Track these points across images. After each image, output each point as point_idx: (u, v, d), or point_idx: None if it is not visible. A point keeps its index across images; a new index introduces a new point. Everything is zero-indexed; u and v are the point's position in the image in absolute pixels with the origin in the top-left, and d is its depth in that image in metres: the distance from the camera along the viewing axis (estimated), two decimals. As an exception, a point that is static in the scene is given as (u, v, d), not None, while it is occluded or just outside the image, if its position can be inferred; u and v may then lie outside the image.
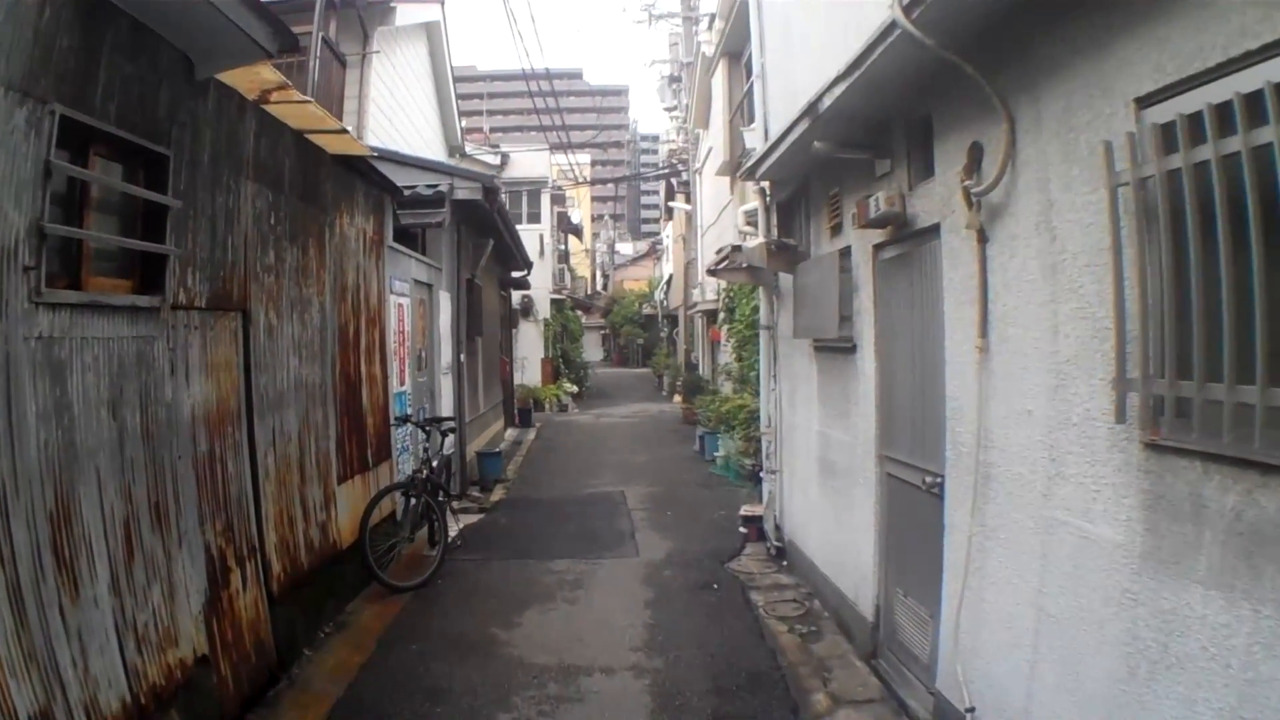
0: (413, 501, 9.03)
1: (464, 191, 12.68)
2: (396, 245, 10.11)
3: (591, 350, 57.77)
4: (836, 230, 7.42)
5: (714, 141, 21.20)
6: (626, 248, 75.50)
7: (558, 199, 32.60)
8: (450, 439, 10.96)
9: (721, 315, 16.03)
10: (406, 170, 12.59)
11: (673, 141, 32.76)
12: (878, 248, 6.49)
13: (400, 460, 9.95)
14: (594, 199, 78.94)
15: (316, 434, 7.53)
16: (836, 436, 7.68)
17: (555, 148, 31.71)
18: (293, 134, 7.08)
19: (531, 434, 21.79)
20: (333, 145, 7.79)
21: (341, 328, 8.22)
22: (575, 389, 30.35)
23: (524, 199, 29.82)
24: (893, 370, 6.37)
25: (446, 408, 12.62)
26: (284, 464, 6.86)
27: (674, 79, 28.60)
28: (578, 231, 45.01)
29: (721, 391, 18.40)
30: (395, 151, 13.61)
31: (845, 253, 7.12)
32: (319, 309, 7.62)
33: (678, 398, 29.88)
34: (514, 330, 27.31)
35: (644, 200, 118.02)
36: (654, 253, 58.72)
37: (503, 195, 26.14)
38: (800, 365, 8.86)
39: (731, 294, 14.98)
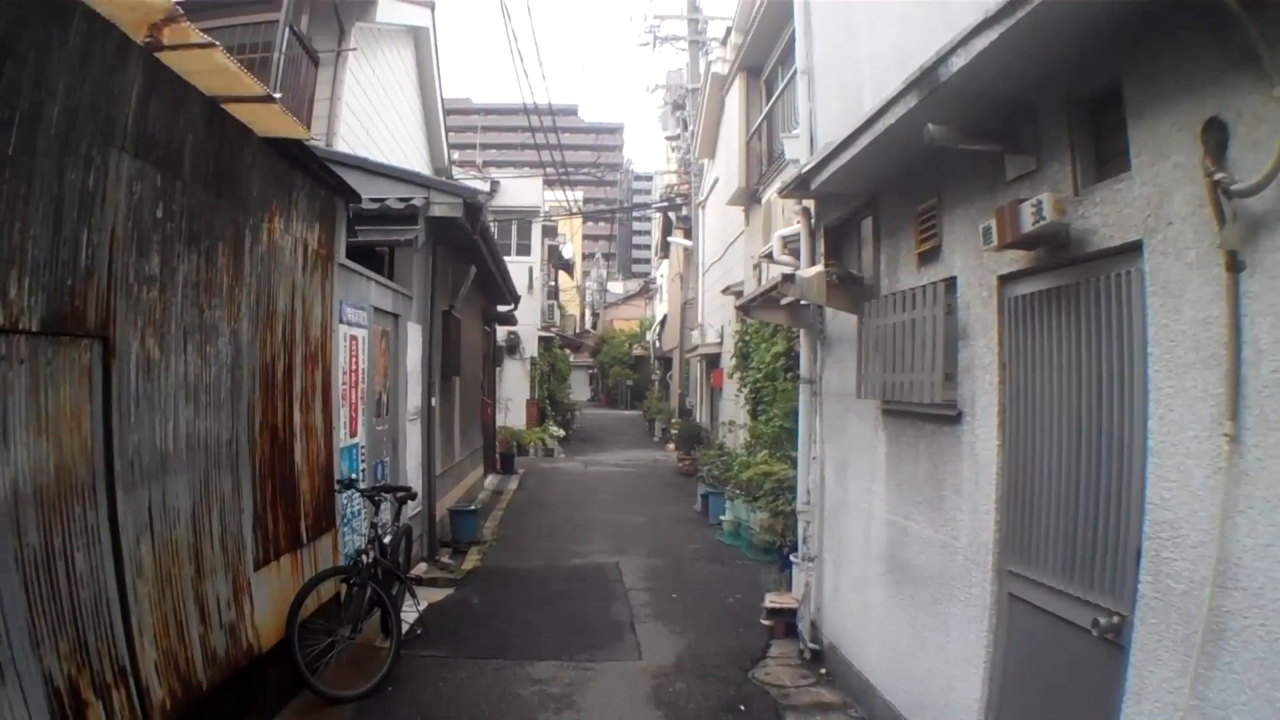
0: (356, 589, 7.04)
1: (442, 208, 10.86)
2: (351, 264, 8.24)
3: (579, 390, 55.95)
4: (929, 257, 5.59)
5: (722, 170, 19.49)
6: (617, 287, 73.84)
7: (549, 231, 30.83)
8: (411, 505, 9.05)
9: (731, 361, 14.16)
10: (373, 181, 10.84)
11: (671, 173, 31.11)
12: (1006, 280, 4.65)
13: (349, 530, 8.01)
14: (585, 237, 77.50)
15: (222, 508, 5.64)
16: (919, 531, 5.79)
17: (551, 182, 30.08)
18: (202, 101, 5.23)
19: (514, 483, 19.81)
20: (262, 123, 5.93)
21: (266, 365, 6.33)
22: (562, 432, 28.41)
23: (514, 229, 28.03)
24: (1029, 453, 4.48)
25: (413, 461, 10.69)
26: (168, 552, 4.95)
27: (677, 106, 26.99)
28: (569, 267, 43.27)
29: (724, 444, 16.50)
30: (357, 156, 11.78)
31: (948, 286, 5.25)
32: (230, 340, 5.74)
33: (672, 446, 28.00)
34: (498, 369, 25.42)
35: (635, 240, 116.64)
36: (646, 292, 57.03)
37: (490, 222, 24.38)
38: (858, 431, 6.99)
39: (747, 337, 13.11)
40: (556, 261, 35.62)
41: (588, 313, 61.16)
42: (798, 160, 8.35)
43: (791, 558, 8.61)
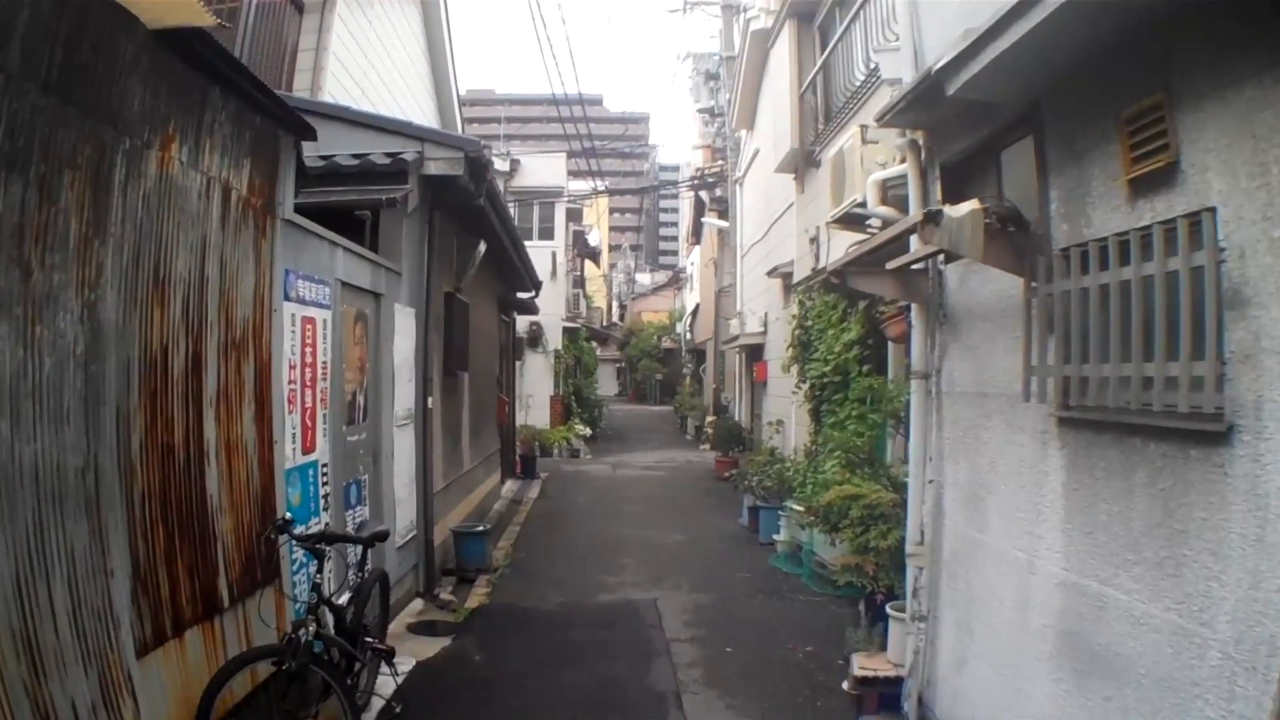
0: (294, 677, 4.97)
1: (438, 163, 8.88)
2: (305, 222, 6.21)
3: (606, 384, 53.95)
4: (1153, 184, 3.57)
5: (766, 138, 17.38)
6: (644, 278, 71.79)
7: (574, 215, 28.79)
8: (399, 533, 7.05)
9: (787, 352, 11.98)
10: (354, 134, 9.03)
11: (705, 147, 28.90)
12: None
13: (300, 580, 5.98)
14: (611, 228, 75.49)
15: (72, 569, 3.68)
16: (1130, 605, 3.72)
17: (577, 173, 28.13)
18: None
19: (534, 490, 17.80)
20: (152, 9, 3.96)
21: (154, 356, 4.35)
22: (589, 431, 26.37)
23: (535, 212, 26.00)
24: None
25: (402, 477, 8.67)
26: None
27: (711, 76, 24.82)
28: (595, 255, 41.21)
29: (774, 448, 14.40)
30: (334, 104, 9.82)
31: (1192, 225, 3.19)
32: (84, 318, 3.75)
33: (707, 445, 25.94)
34: (518, 363, 23.41)
35: (662, 231, 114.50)
36: (675, 282, 54.91)
37: (510, 202, 22.40)
38: (1008, 448, 4.88)
39: (807, 323, 10.99)
40: (582, 249, 33.57)
41: (615, 304, 59.16)
42: (898, 80, 6.29)
43: (888, 608, 6.51)
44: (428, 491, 9.34)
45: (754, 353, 19.29)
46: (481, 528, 10.78)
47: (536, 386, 25.15)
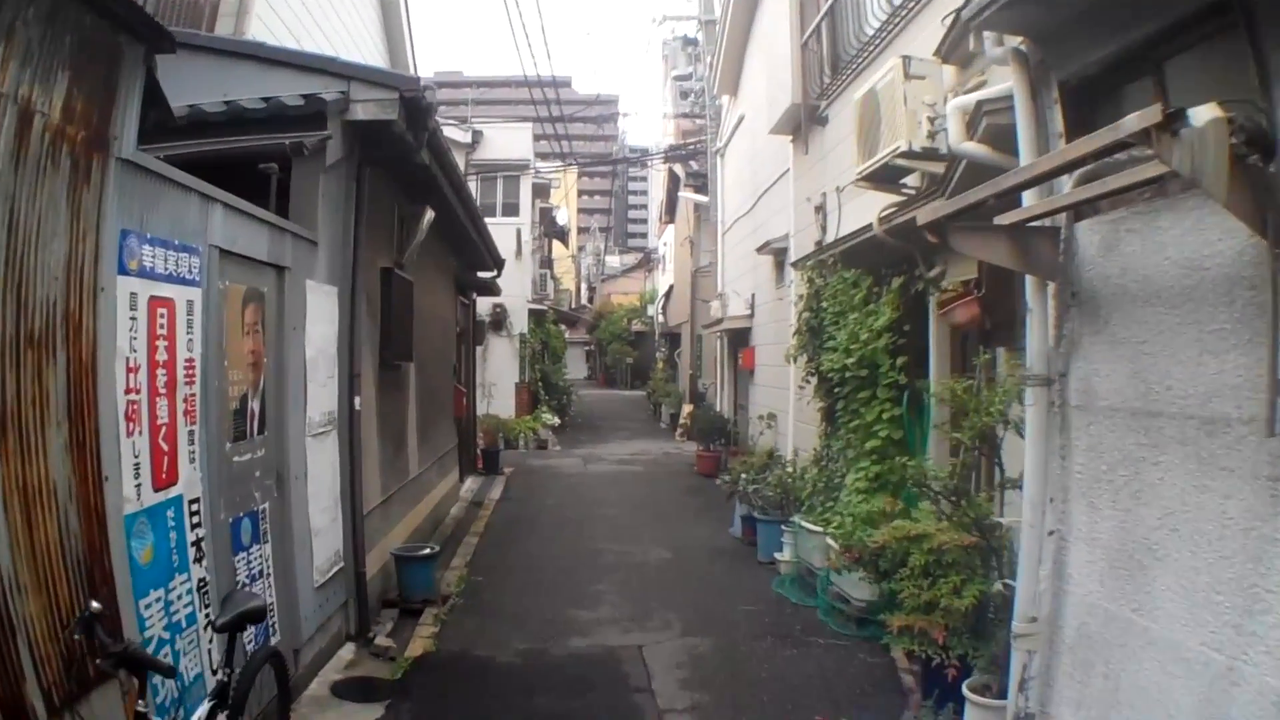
0: None
1: (367, 106, 7.12)
2: (157, 165, 4.40)
3: (575, 368, 52.19)
4: None
5: (757, 98, 15.66)
6: (613, 260, 69.90)
7: (540, 191, 26.91)
8: (322, 564, 5.29)
9: (795, 339, 10.23)
10: (270, 75, 7.28)
11: (684, 115, 27.06)
12: None
13: (181, 646, 4.21)
14: (580, 211, 73.57)
15: None
16: None
17: (546, 157, 26.31)
18: None
19: (497, 489, 16.02)
20: None
21: None
22: (557, 420, 24.60)
23: (499, 186, 24.14)
24: None
25: (321, 501, 6.89)
26: None
27: (689, 42, 23.02)
28: (563, 235, 39.38)
29: (778, 452, 12.68)
30: (239, 39, 8.04)
31: None
32: None
33: (682, 434, 24.26)
34: (479, 348, 21.60)
35: (631, 214, 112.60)
36: (647, 264, 53.02)
37: (472, 176, 20.55)
38: (1197, 498, 3.21)
39: (822, 303, 9.26)
40: (549, 228, 31.71)
41: (583, 286, 57.34)
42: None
43: (966, 689, 4.82)
44: (357, 514, 7.56)
45: (738, 338, 17.60)
46: (428, 550, 8.99)
47: (500, 373, 23.33)
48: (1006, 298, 5.44)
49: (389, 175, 8.72)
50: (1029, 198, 4.12)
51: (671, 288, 34.58)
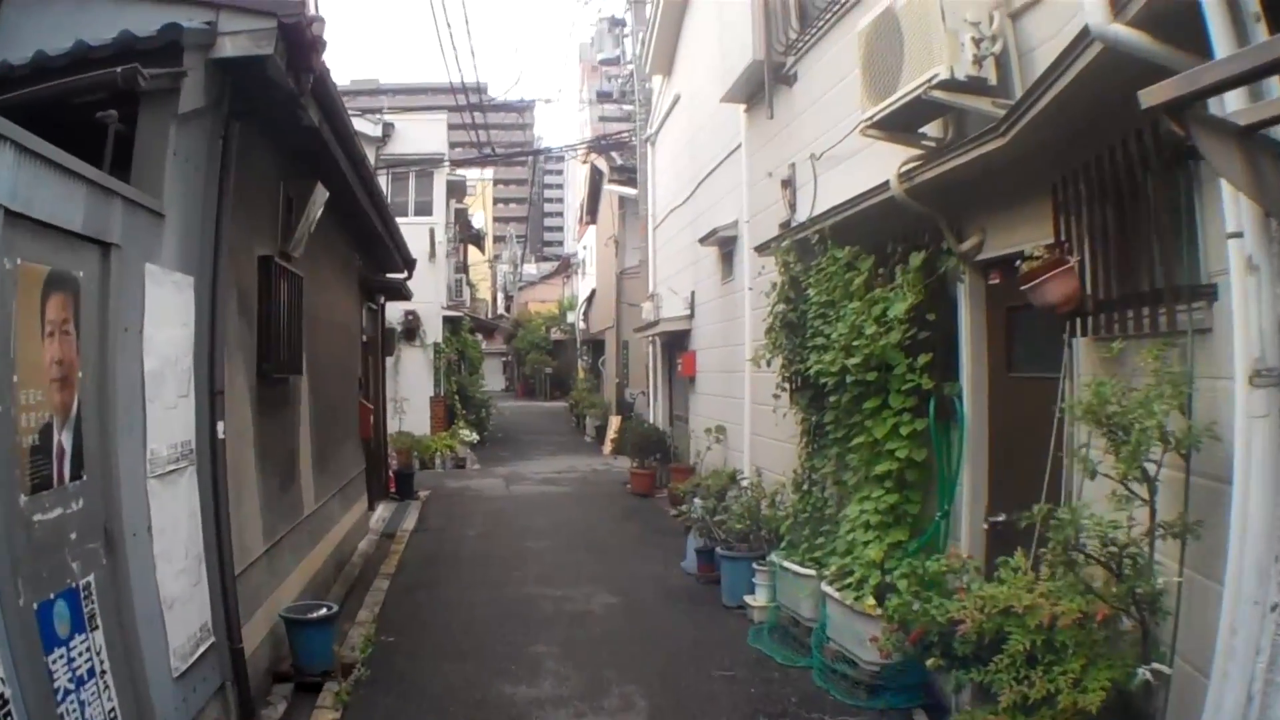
0: None
1: (238, 41, 5.40)
2: None
3: (493, 379, 50.31)
4: None
5: (690, 82, 14.29)
6: (530, 269, 68.04)
7: (455, 190, 25.08)
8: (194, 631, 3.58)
9: (768, 337, 8.55)
10: (116, 9, 5.48)
11: (614, 120, 25.47)
12: None
13: None
14: (495, 219, 71.54)
15: None
16: None
17: (468, 162, 24.59)
18: None
19: (412, 517, 14.22)
20: None
21: None
22: (475, 436, 22.77)
23: (411, 183, 22.31)
24: None
25: (174, 561, 5.11)
26: None
27: (616, 22, 21.50)
28: (479, 240, 37.53)
29: (741, 475, 11.09)
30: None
31: None
32: None
33: (610, 448, 22.66)
34: (389, 359, 19.76)
35: (547, 222, 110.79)
36: (565, 270, 51.29)
37: (382, 170, 18.71)
38: None
39: (807, 291, 7.67)
40: (465, 232, 29.86)
41: (500, 296, 55.40)
42: None
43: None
44: (227, 572, 5.79)
45: (675, 341, 16.05)
46: (325, 610, 7.20)
47: (414, 386, 21.45)
48: (1126, 261, 3.96)
49: (272, 144, 7.03)
50: (1234, 100, 2.64)
51: (594, 292, 32.95)
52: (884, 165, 6.11)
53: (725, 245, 12.53)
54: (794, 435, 8.48)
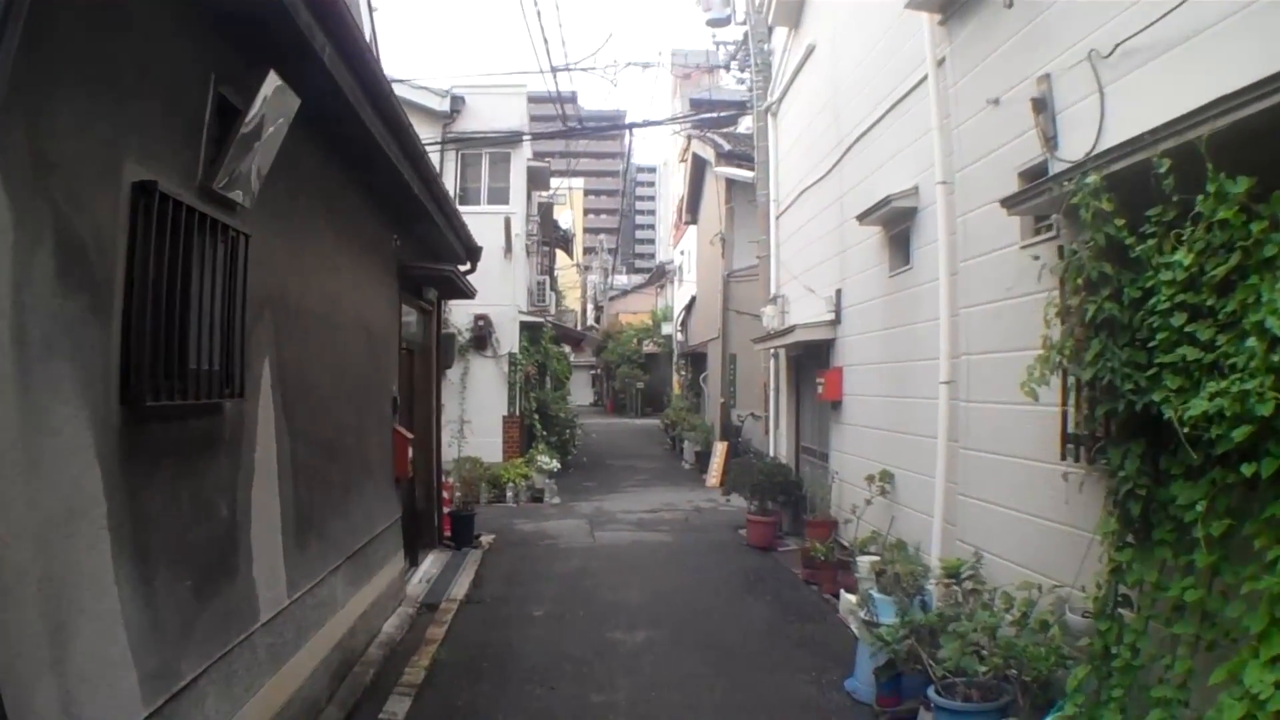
0: None
1: None
2: None
3: (580, 393, 47.33)
4: None
5: (828, 23, 10.96)
6: (621, 279, 65.04)
7: (538, 178, 21.84)
8: None
9: (1047, 350, 4.90)
10: None
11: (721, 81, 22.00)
12: None
13: None
14: (585, 230, 68.89)
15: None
16: None
17: (551, 135, 21.52)
18: None
19: (466, 576, 10.90)
20: None
21: None
22: (557, 464, 19.41)
23: (484, 166, 19.09)
24: None
25: None
26: None
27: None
28: (567, 242, 34.38)
29: (858, 518, 7.59)
30: None
31: None
32: None
33: (714, 478, 19.20)
34: (452, 372, 16.65)
35: (639, 234, 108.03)
36: (659, 278, 47.96)
37: (448, 146, 15.77)
38: None
39: (1115, 255, 4.13)
40: (550, 232, 26.67)
41: (589, 307, 52.36)
42: None
43: None
44: None
45: (811, 354, 12.47)
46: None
47: (484, 404, 18.17)
48: None
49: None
50: None
51: (693, 299, 29.46)
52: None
53: (896, 222, 9.00)
54: (1080, 515, 4.93)
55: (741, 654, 7.94)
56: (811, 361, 12.46)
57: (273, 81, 4.70)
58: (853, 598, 8.22)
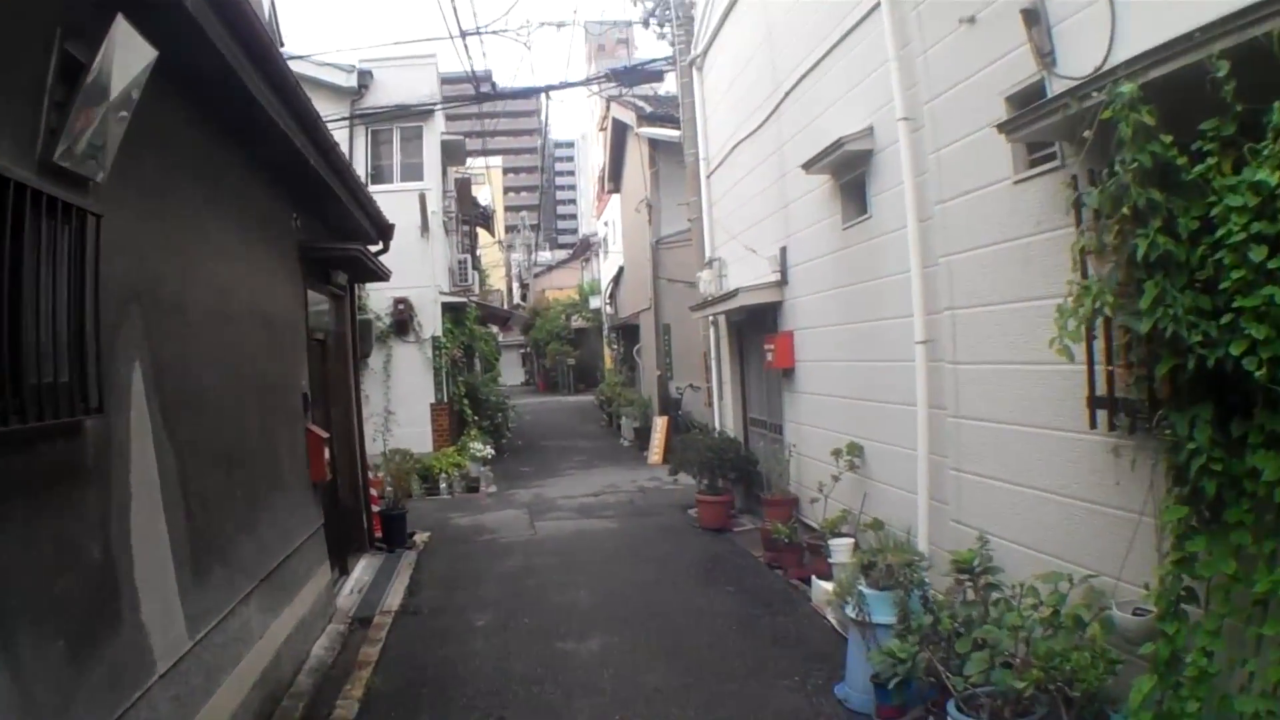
0: None
1: None
2: None
3: (510, 373, 46.29)
4: None
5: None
6: (545, 256, 63.82)
7: (452, 151, 20.74)
8: None
9: (1081, 293, 4.13)
10: None
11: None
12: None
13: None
14: (506, 209, 67.47)
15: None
16: None
17: (465, 99, 20.48)
18: None
19: (398, 586, 9.99)
20: None
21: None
22: (490, 450, 18.47)
23: (396, 141, 17.98)
24: None
25: None
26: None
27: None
28: (487, 220, 33.20)
29: (826, 496, 6.97)
30: None
31: None
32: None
33: (656, 455, 18.50)
34: (371, 360, 15.71)
35: (560, 210, 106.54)
36: (584, 252, 46.97)
37: (356, 123, 14.80)
38: None
39: (1164, 178, 3.41)
40: (471, 208, 25.55)
41: (515, 286, 51.11)
42: None
43: None
44: None
45: (755, 319, 11.73)
46: None
47: (410, 392, 17.13)
48: None
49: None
50: None
51: (621, 270, 28.59)
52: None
53: (849, 168, 8.24)
54: (1122, 493, 4.21)
55: (711, 658, 7.16)
56: (756, 327, 11.71)
57: (123, 29, 3.78)
58: (827, 585, 7.54)
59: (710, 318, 13.76)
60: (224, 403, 5.99)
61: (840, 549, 7.91)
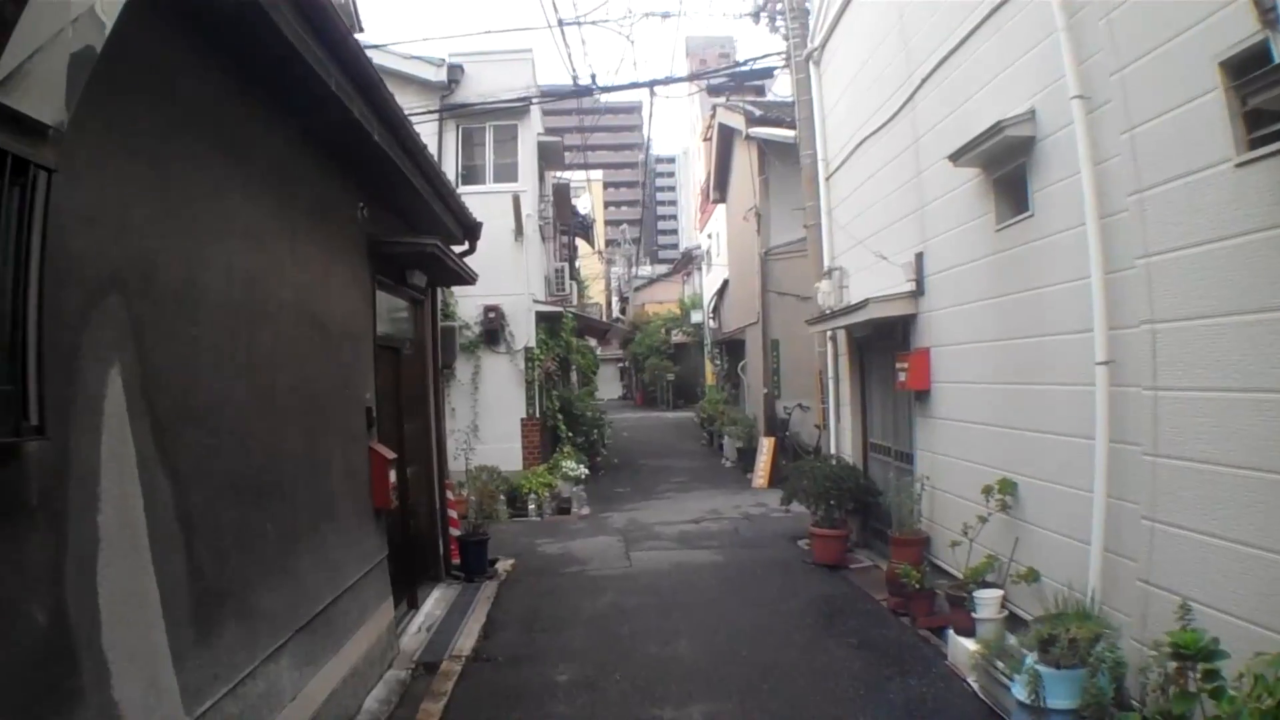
0: None
1: None
2: None
3: (607, 387, 45.41)
4: None
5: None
6: (645, 270, 62.92)
7: (549, 154, 19.78)
8: None
9: None
10: None
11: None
12: None
13: None
14: (606, 223, 67.02)
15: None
16: None
17: (565, 94, 19.55)
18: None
19: (473, 626, 8.86)
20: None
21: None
22: (584, 469, 17.36)
23: (489, 139, 17.06)
24: None
25: None
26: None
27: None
28: (587, 230, 32.35)
29: (971, 540, 5.76)
30: None
31: None
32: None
33: (761, 479, 17.24)
34: (459, 371, 14.77)
35: (660, 225, 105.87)
36: (685, 266, 45.85)
37: (446, 117, 13.90)
38: None
39: None
40: (568, 217, 24.64)
41: (614, 300, 50.22)
42: None
43: None
44: None
45: (884, 335, 10.36)
46: None
47: (498, 406, 16.16)
48: None
49: None
50: None
51: (726, 283, 27.32)
52: None
53: (1004, 160, 6.90)
54: None
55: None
56: (882, 343, 10.35)
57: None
58: (969, 644, 6.29)
59: (828, 333, 12.43)
60: (250, 419, 4.92)
61: (987, 603, 6.64)
